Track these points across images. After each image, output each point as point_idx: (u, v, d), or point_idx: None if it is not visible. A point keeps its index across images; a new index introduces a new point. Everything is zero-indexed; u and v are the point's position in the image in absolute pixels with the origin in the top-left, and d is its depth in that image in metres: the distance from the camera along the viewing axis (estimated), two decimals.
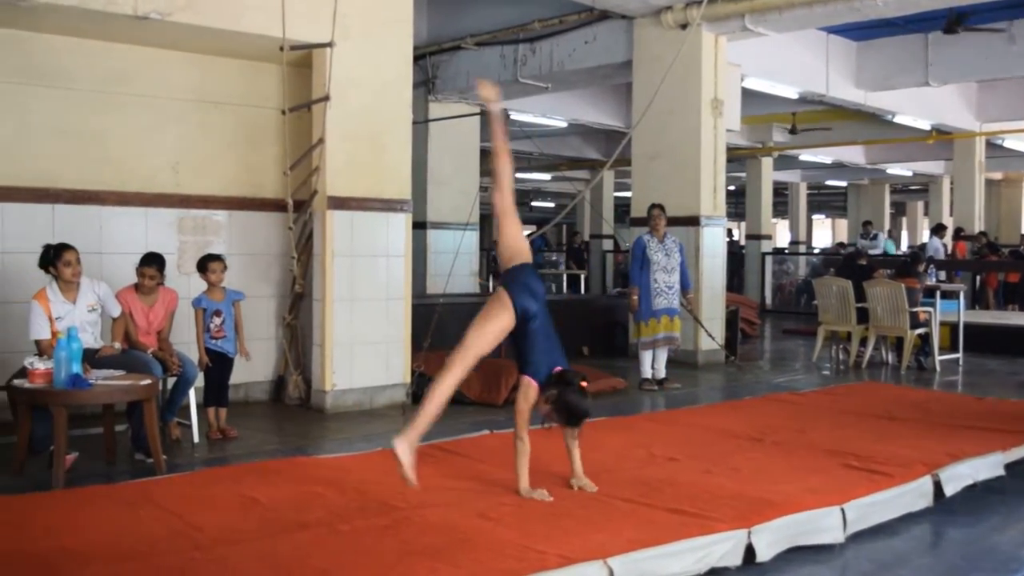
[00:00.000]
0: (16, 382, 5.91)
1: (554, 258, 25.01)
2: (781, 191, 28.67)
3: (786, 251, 26.78)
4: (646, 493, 5.16)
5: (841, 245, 25.80)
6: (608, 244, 23.85)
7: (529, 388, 5.16)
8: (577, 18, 12.27)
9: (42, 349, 6.24)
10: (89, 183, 7.79)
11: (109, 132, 7.92)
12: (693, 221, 11.36)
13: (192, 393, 6.98)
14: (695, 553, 4.30)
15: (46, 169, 7.61)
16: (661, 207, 9.81)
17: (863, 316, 11.48)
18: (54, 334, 6.17)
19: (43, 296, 6.39)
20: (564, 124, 18.14)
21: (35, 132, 7.61)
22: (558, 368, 5.18)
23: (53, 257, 6.39)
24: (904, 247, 31.58)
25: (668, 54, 10.72)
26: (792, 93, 14.79)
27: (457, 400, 8.49)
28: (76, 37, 7.68)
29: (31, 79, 7.58)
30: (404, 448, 4.87)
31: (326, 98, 7.99)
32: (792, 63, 13.86)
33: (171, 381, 6.89)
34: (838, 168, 25.71)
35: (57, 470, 5.67)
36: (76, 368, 5.71)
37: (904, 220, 40.75)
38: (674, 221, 10.45)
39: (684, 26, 11.02)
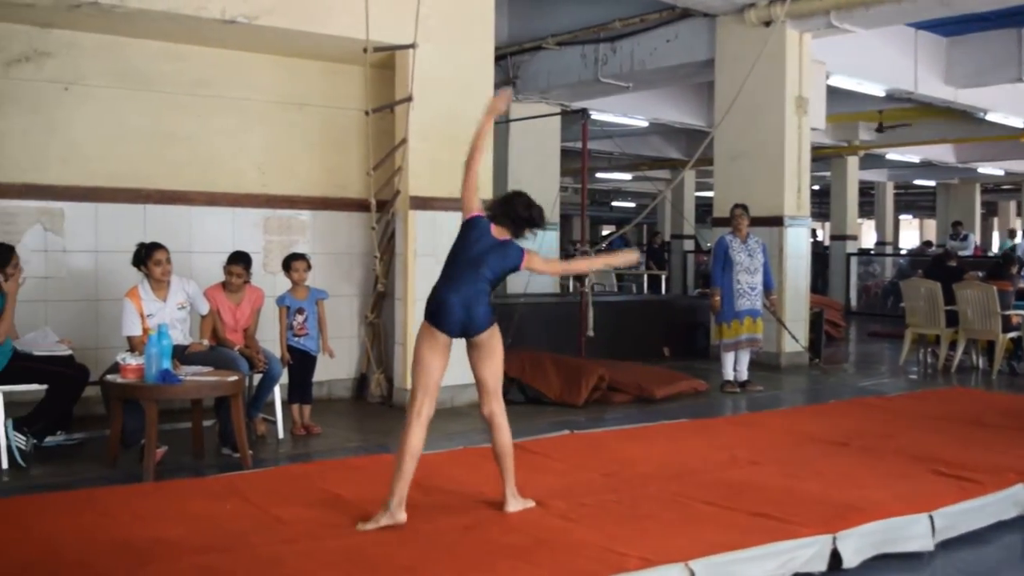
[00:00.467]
0: (109, 377, 6.06)
1: None
2: (867, 191, 28.09)
3: (872, 252, 26.23)
4: (728, 496, 5.11)
5: (928, 244, 25.23)
6: (689, 244, 23.65)
7: None
8: (658, 16, 12.19)
9: (134, 345, 6.39)
10: (179, 184, 7.96)
11: (198, 134, 8.08)
12: (777, 221, 11.21)
13: (277, 390, 7.09)
14: (779, 558, 4.26)
15: (138, 170, 7.80)
16: (744, 207, 9.69)
17: (952, 319, 11.19)
18: (145, 331, 6.32)
19: (135, 294, 6.56)
20: (645, 123, 18.02)
21: (128, 134, 7.80)
22: None
23: (144, 256, 6.55)
24: (995, 248, 30.76)
25: (751, 52, 10.61)
26: (879, 91, 14.52)
27: (536, 400, 8.58)
28: (167, 42, 7.85)
29: (125, 83, 7.78)
30: (398, 515, 4.61)
31: (408, 99, 8.05)
32: (879, 60, 13.56)
33: (257, 378, 7.01)
34: (926, 167, 25.11)
35: (148, 463, 5.80)
36: (166, 364, 5.84)
37: (996, 220, 39.68)
38: (757, 221, 10.31)
39: (768, 23, 10.89)
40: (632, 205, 36.66)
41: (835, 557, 4.41)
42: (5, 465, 6.02)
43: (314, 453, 6.63)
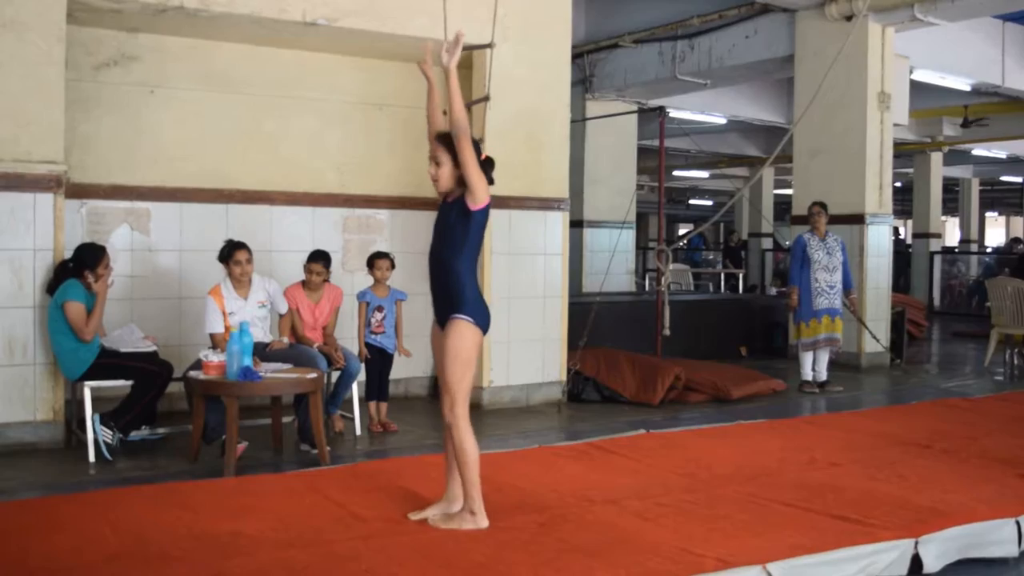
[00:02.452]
0: (192, 374, 6.17)
1: (711, 256, 24.63)
2: (951, 187, 27.46)
3: (956, 250, 25.64)
4: (807, 498, 5.04)
5: (1016, 241, 24.53)
6: (767, 243, 23.36)
7: None
8: (737, 12, 12.08)
9: (216, 342, 6.50)
10: (260, 184, 8.08)
11: (279, 135, 8.20)
12: (857, 219, 11.03)
13: (355, 387, 7.17)
14: (858, 562, 4.17)
15: (221, 171, 7.93)
16: (823, 205, 9.56)
17: None
18: (227, 328, 6.44)
19: (217, 292, 6.67)
20: (723, 121, 17.87)
21: (212, 136, 7.94)
22: None
23: (227, 255, 6.67)
24: None
25: (832, 47, 10.42)
26: (965, 85, 14.19)
27: (612, 399, 8.54)
28: (249, 44, 7.97)
29: (209, 86, 7.92)
30: (480, 520, 4.57)
31: (486, 98, 8.06)
32: (965, 53, 13.27)
33: (335, 375, 7.08)
34: (1014, 163, 24.45)
35: (229, 458, 5.90)
36: (247, 361, 5.93)
37: None
38: (837, 219, 10.16)
39: (849, 17, 10.72)
40: (710, 203, 36.34)
41: (916, 562, 4.31)
42: (92, 459, 6.16)
43: (391, 450, 6.69)
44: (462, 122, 4.55)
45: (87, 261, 6.39)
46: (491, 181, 4.66)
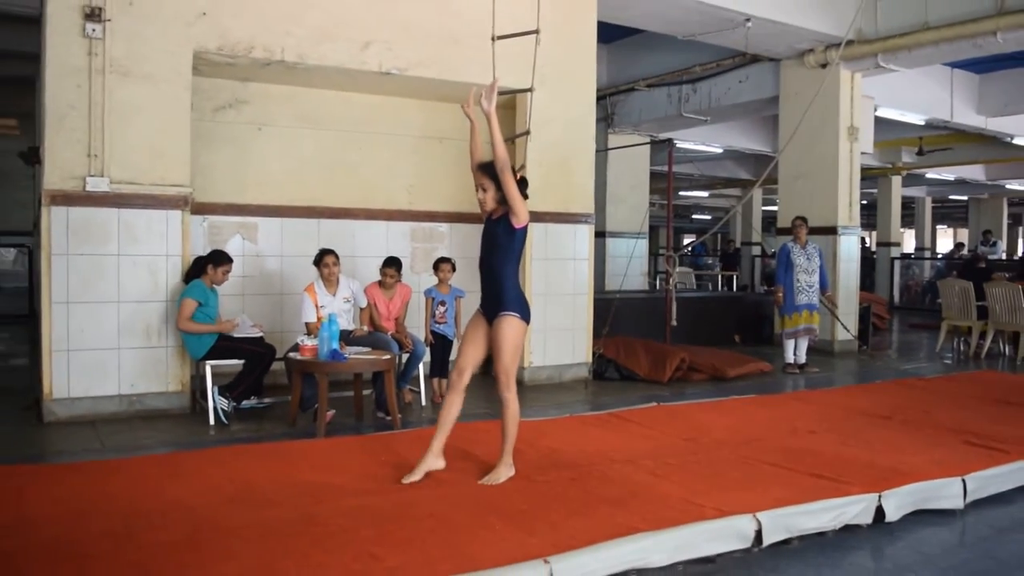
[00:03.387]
0: (291, 355, 6.22)
1: (710, 261, 24.42)
2: (908, 204, 26.96)
3: (912, 256, 25.21)
4: (790, 459, 4.99)
5: (959, 247, 24.12)
6: (756, 250, 23.12)
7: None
8: (732, 62, 11.99)
9: (310, 330, 6.55)
10: (345, 202, 8.13)
11: (360, 163, 8.24)
12: (831, 231, 10.91)
13: (421, 366, 7.19)
14: (832, 512, 4.14)
15: (314, 192, 7.99)
16: (804, 219, 9.48)
17: (982, 313, 10.76)
18: (319, 319, 6.48)
19: (311, 289, 6.72)
20: (720, 150, 17.71)
21: (307, 164, 8.00)
22: None
23: (318, 259, 6.72)
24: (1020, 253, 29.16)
25: (810, 89, 10.36)
26: (919, 120, 13.98)
27: (629, 377, 8.50)
28: (337, 90, 8.02)
29: (304, 124, 7.98)
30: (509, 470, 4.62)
31: (527, 132, 8.06)
32: (920, 94, 13.09)
33: (405, 357, 7.11)
34: (960, 184, 23.97)
35: (320, 423, 5.95)
36: (335, 345, 5.97)
37: (1021, 230, 37.66)
38: (815, 230, 10.05)
39: (824, 65, 10.60)
40: (709, 217, 36.01)
41: (879, 512, 4.28)
42: (212, 422, 6.24)
43: None
44: (504, 157, 4.50)
45: (214, 260, 6.48)
46: (526, 196, 4.66)
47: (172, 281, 6.59)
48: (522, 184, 4.64)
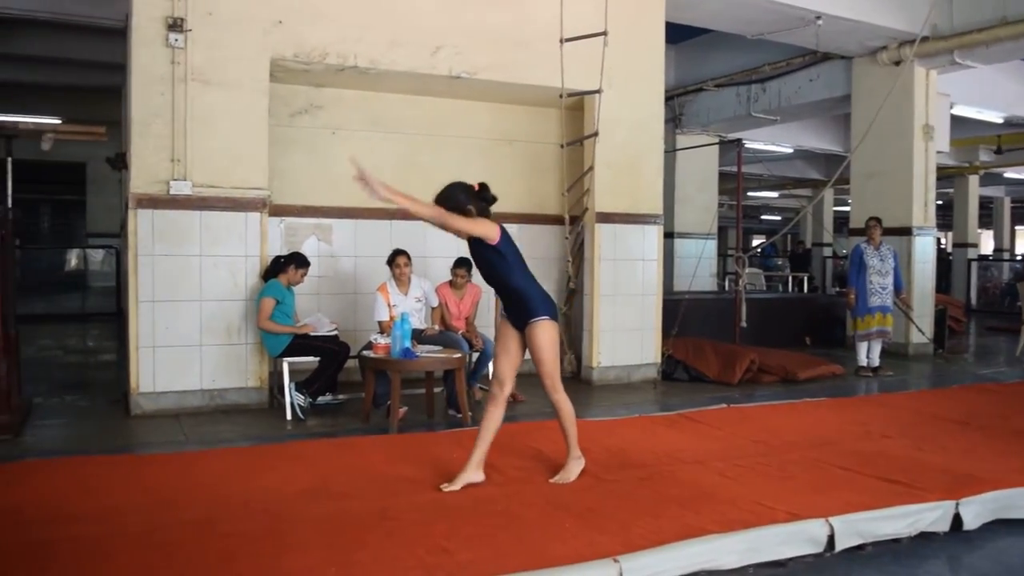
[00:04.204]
0: (365, 352, 6.30)
1: (779, 262, 24.01)
2: (986, 204, 26.05)
3: (990, 258, 24.39)
4: (862, 464, 4.88)
5: None
6: (827, 251, 22.66)
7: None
8: (802, 60, 11.80)
9: (383, 328, 6.64)
10: None
11: (431, 165, 8.31)
12: (906, 231, 10.62)
13: (490, 365, 7.22)
14: (907, 518, 4.03)
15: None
16: (878, 219, 9.25)
17: None
18: (391, 317, 6.57)
19: (384, 289, 6.82)
20: (790, 150, 17.41)
21: (379, 167, 8.03)
22: None
23: (391, 259, 6.82)
24: None
25: (883, 87, 10.13)
26: (997, 118, 13.52)
27: (698, 379, 8.41)
28: (408, 94, 8.12)
29: (377, 127, 8.10)
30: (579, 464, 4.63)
31: (595, 134, 8.06)
32: (997, 91, 12.64)
33: (475, 355, 7.16)
34: None
35: (393, 419, 6.04)
36: (407, 343, 6.04)
37: None
38: (889, 231, 9.79)
39: (898, 63, 10.33)
40: (778, 218, 35.38)
41: (956, 520, 4.14)
42: (289, 417, 6.38)
43: (518, 416, 6.71)
44: (429, 215, 4.39)
45: (296, 261, 6.63)
46: (493, 199, 4.61)
47: (251, 281, 6.76)
48: (483, 192, 4.56)
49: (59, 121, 9.50)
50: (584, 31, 7.61)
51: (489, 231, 4.43)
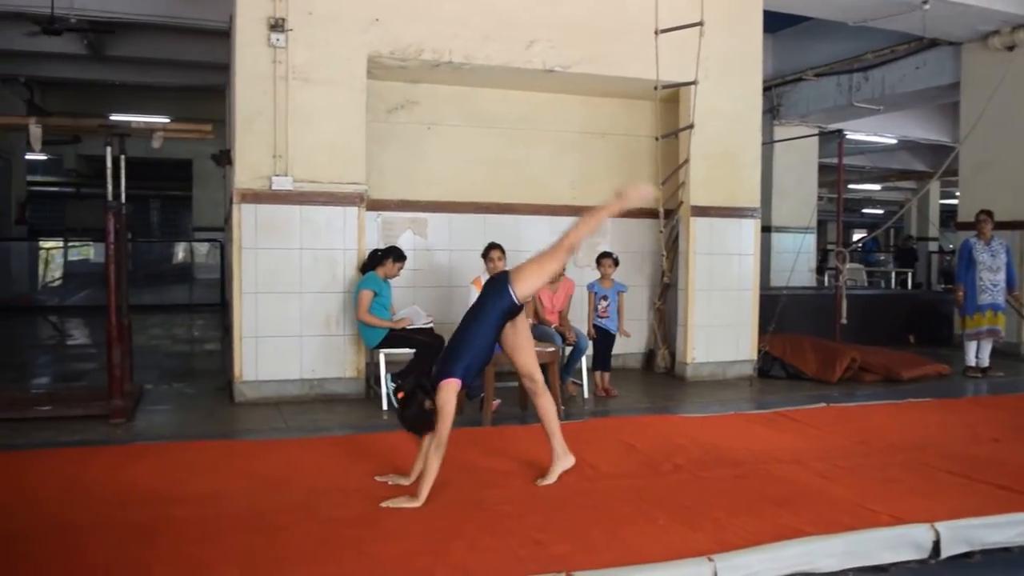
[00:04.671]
0: None
1: (882, 257, 23.23)
2: None
3: None
4: (971, 468, 4.67)
5: None
6: (933, 246, 21.80)
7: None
8: (907, 47, 11.38)
9: None
10: (509, 198, 8.26)
11: (524, 160, 8.35)
12: (1019, 225, 10.07)
13: (583, 360, 7.22)
14: (1019, 527, 3.83)
15: (480, 188, 8.16)
16: (989, 213, 8.83)
17: None
18: None
19: (478, 282, 6.85)
20: (894, 140, 16.81)
21: (472, 161, 8.18)
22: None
23: (485, 253, 6.86)
24: None
25: (995, 74, 9.69)
26: None
27: (796, 376, 8.22)
28: (501, 89, 8.15)
29: (470, 122, 8.16)
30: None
31: (690, 126, 7.94)
32: None
33: (568, 349, 7.16)
34: None
35: (486, 412, 6.10)
36: None
37: None
38: (1001, 225, 9.32)
39: (1011, 48, 9.86)
40: (881, 212, 34.17)
41: None
42: (385, 407, 6.50)
43: (612, 411, 6.70)
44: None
45: (394, 255, 6.75)
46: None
47: (349, 274, 6.91)
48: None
49: (168, 120, 9.88)
50: (679, 21, 7.51)
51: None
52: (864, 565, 3.57)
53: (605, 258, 7.37)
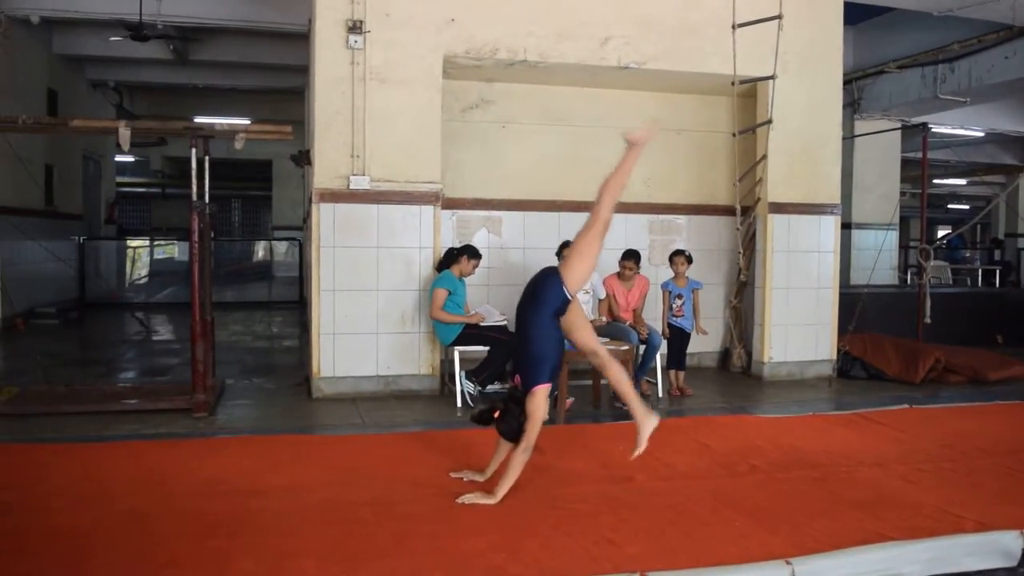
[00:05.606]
0: None
1: (967, 255, 22.43)
2: None
3: None
4: None
5: None
6: (1022, 242, 20.96)
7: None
8: (996, 36, 10.91)
9: None
10: (584, 196, 8.15)
11: (598, 158, 8.22)
12: None
13: (658, 358, 7.15)
14: None
15: (554, 187, 8.15)
16: None
17: None
18: None
19: None
20: (981, 134, 16.20)
21: (547, 159, 8.18)
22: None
23: (559, 251, 6.86)
24: None
25: None
26: None
27: (877, 377, 8.01)
28: (576, 87, 8.12)
29: (545, 120, 8.16)
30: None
31: (768, 122, 7.80)
32: None
33: (642, 347, 7.11)
34: None
35: (560, 410, 6.09)
36: None
37: None
38: None
39: None
40: (967, 207, 33.02)
41: None
42: (459, 404, 6.56)
43: (686, 410, 6.63)
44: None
45: (470, 253, 6.81)
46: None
47: (424, 272, 6.98)
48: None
49: (249, 122, 10.13)
50: (756, 15, 7.38)
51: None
52: (949, 572, 3.47)
53: (678, 256, 7.29)
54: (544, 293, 4.25)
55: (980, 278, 17.67)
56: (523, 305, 4.29)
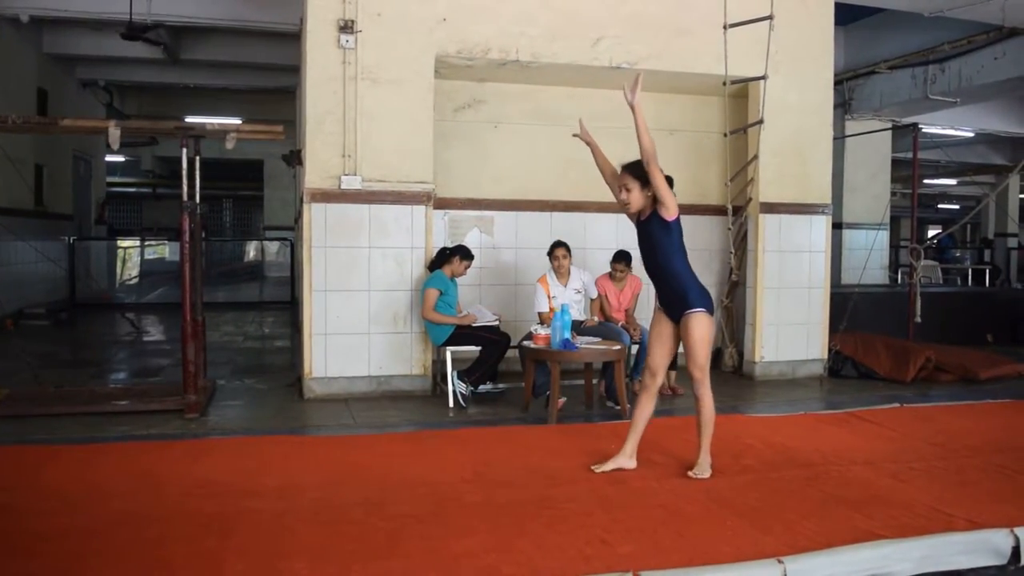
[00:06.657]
0: (525, 343, 6.39)
1: (958, 254, 22.53)
2: None
3: None
4: None
5: None
6: (1012, 242, 21.08)
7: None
8: (985, 37, 10.95)
9: (542, 319, 6.71)
10: (576, 196, 8.23)
11: (590, 158, 8.25)
12: None
13: None
14: None
15: (546, 187, 8.15)
16: None
17: None
18: (551, 309, 6.62)
19: (544, 280, 6.88)
20: (971, 134, 16.28)
21: (539, 159, 8.17)
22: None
23: (551, 251, 6.87)
24: None
25: None
26: None
27: (868, 376, 8.03)
28: (568, 87, 8.12)
29: (537, 120, 8.15)
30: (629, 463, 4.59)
31: (760, 122, 7.82)
32: None
33: (635, 348, 7.11)
34: None
35: (552, 410, 6.09)
36: (567, 335, 6.07)
37: None
38: None
39: None
40: (956, 207, 33.16)
41: None
42: (451, 404, 6.55)
43: (677, 410, 6.62)
44: (650, 147, 4.47)
45: (462, 253, 6.80)
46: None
47: (416, 272, 6.97)
48: (669, 182, 4.62)
49: (240, 122, 10.11)
50: (748, 16, 7.39)
51: (674, 201, 4.50)
52: (940, 570, 3.48)
53: None
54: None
55: (970, 277, 17.74)
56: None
